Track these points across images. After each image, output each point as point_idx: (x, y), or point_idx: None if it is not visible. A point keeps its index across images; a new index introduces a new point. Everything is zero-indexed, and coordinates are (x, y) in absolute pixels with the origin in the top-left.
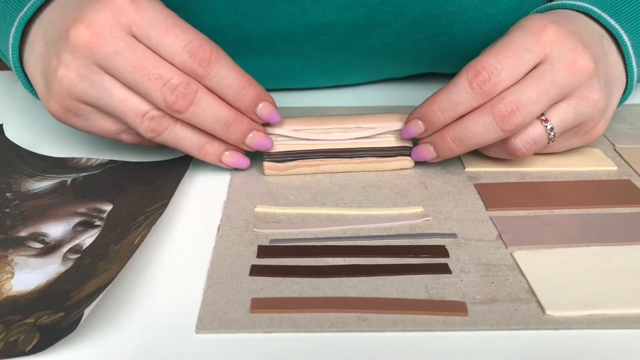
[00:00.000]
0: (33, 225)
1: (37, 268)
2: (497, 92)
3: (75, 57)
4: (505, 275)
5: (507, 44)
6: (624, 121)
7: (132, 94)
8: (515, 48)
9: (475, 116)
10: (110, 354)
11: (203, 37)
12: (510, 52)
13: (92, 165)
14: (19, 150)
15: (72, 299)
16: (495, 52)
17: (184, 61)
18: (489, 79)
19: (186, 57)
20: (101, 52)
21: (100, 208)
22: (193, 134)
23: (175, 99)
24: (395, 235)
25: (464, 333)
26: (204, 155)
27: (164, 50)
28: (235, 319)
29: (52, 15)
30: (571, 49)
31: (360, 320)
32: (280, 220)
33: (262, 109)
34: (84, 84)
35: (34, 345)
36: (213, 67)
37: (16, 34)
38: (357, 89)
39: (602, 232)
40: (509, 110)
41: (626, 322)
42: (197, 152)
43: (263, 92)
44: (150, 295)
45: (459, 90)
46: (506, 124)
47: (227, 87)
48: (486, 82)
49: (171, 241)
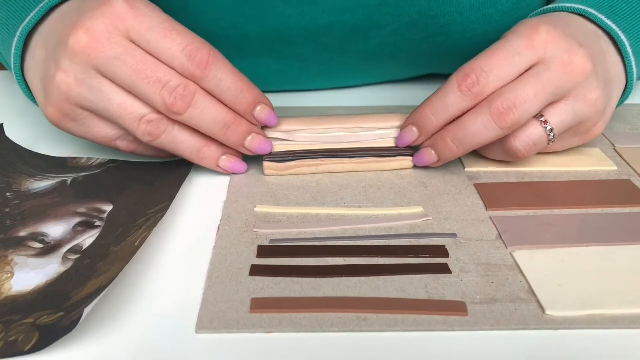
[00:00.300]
0: (33, 225)
1: (37, 268)
2: (487, 94)
3: (74, 62)
4: (505, 275)
5: (498, 48)
6: (624, 121)
7: (131, 98)
8: (507, 51)
9: (473, 115)
10: (110, 354)
11: (201, 40)
12: (500, 55)
13: (93, 165)
14: (19, 150)
15: (71, 299)
16: (485, 55)
17: (183, 64)
18: (478, 82)
19: (184, 60)
20: (100, 57)
21: (100, 208)
22: (191, 137)
23: (174, 101)
24: (395, 235)
25: (464, 333)
26: (201, 159)
27: (163, 55)
28: (235, 319)
29: (53, 24)
30: (567, 49)
31: (360, 320)
32: (280, 220)
33: (260, 112)
34: (82, 89)
35: (33, 345)
36: (211, 70)
37: (18, 43)
38: (357, 90)
39: (602, 232)
40: (505, 107)
41: (626, 322)
42: (194, 156)
43: (261, 95)
44: (150, 295)
45: (448, 93)
46: (504, 121)
47: (225, 89)
48: (475, 84)
49: (171, 241)
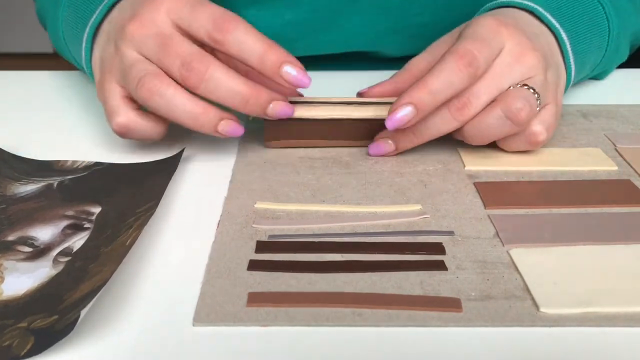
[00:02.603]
0: (21, 229)
1: (27, 272)
2: (479, 75)
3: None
4: (501, 273)
5: (474, 35)
6: (627, 122)
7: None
8: (483, 38)
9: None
10: (108, 346)
11: (224, 10)
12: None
13: (79, 167)
14: (3, 154)
15: (65, 302)
16: (469, 41)
17: (207, 31)
18: (472, 63)
19: (209, 27)
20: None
21: (88, 210)
22: (187, 102)
23: (189, 74)
24: (392, 232)
25: (458, 329)
26: (200, 127)
27: (192, 27)
28: (231, 312)
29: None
30: (519, 43)
31: (355, 315)
32: (280, 216)
33: (288, 72)
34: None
35: (28, 350)
36: (232, 32)
37: (88, 37)
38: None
39: (600, 231)
40: (463, 103)
41: (620, 320)
42: (191, 123)
43: (287, 55)
44: (149, 289)
45: (450, 72)
46: (460, 115)
47: (248, 51)
48: (472, 64)
49: (172, 236)
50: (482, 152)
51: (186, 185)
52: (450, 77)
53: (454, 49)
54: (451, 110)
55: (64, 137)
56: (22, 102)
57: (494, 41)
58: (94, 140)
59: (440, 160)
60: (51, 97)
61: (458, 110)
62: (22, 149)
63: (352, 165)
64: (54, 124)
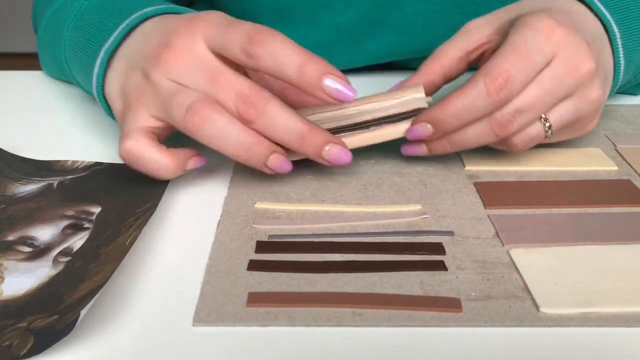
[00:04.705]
0: (21, 229)
1: (27, 272)
2: (511, 99)
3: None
4: (501, 273)
5: (519, 46)
6: (627, 122)
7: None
8: (528, 51)
9: (474, 123)
10: (109, 346)
11: (260, 25)
12: (524, 57)
13: (79, 167)
14: (3, 154)
15: (65, 302)
16: (509, 56)
17: (242, 46)
18: (506, 86)
19: (245, 42)
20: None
21: (88, 210)
22: (241, 132)
23: (246, 108)
24: (392, 232)
25: (457, 329)
26: (249, 158)
27: (226, 47)
28: (231, 312)
29: (134, 41)
30: (575, 50)
31: (355, 315)
32: (280, 216)
33: (330, 84)
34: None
35: (28, 350)
36: (268, 45)
37: (101, 64)
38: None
39: (600, 231)
40: (506, 120)
41: (620, 321)
42: (243, 155)
43: (327, 65)
44: (149, 289)
45: (475, 96)
46: (502, 131)
47: (285, 63)
48: (503, 89)
49: (172, 236)
50: (482, 152)
51: (186, 185)
52: (475, 102)
53: (489, 68)
54: (492, 125)
55: (64, 137)
56: (22, 102)
57: (541, 54)
58: (94, 140)
59: (440, 160)
60: (51, 97)
61: (500, 127)
62: (22, 149)
63: (352, 165)
64: (54, 124)
